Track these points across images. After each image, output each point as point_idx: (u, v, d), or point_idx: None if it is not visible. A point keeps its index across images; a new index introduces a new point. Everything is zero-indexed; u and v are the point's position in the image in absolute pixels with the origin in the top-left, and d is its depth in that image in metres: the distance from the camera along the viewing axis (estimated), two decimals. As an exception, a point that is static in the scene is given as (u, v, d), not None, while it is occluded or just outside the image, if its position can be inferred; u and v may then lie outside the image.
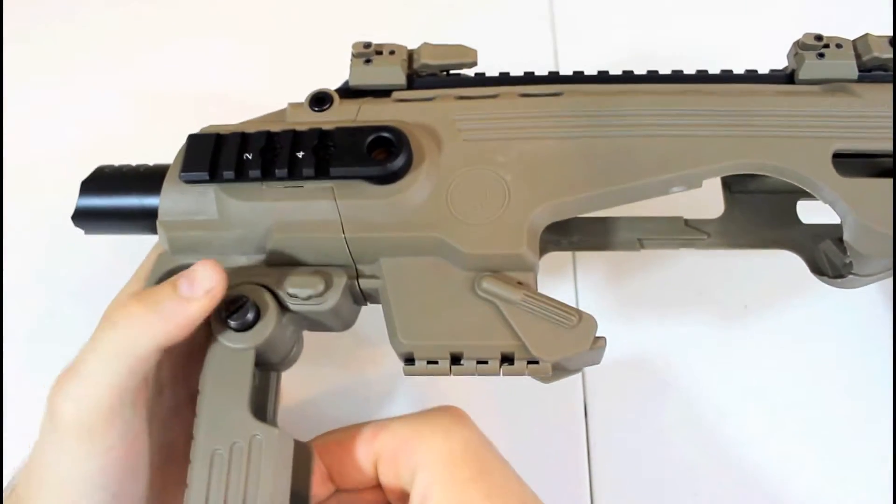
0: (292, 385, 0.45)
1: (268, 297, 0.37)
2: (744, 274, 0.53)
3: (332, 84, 0.42)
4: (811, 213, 0.41)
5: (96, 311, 0.40)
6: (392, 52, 0.42)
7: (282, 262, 0.39)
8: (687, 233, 0.42)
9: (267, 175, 0.37)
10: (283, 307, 0.38)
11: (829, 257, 0.40)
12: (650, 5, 0.67)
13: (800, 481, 0.49)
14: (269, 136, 0.38)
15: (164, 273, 0.40)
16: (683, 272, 0.52)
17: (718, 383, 0.50)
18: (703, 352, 0.51)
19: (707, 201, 0.41)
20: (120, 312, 0.35)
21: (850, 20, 0.58)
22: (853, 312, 0.52)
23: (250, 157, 0.38)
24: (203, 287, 0.35)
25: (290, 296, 0.37)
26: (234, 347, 0.37)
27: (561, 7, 0.68)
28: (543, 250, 0.40)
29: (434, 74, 0.42)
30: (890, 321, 0.52)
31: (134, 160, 0.43)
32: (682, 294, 0.43)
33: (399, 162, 0.37)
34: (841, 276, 0.39)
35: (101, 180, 0.41)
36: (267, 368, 0.39)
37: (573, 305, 0.36)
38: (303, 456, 0.37)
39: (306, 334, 0.42)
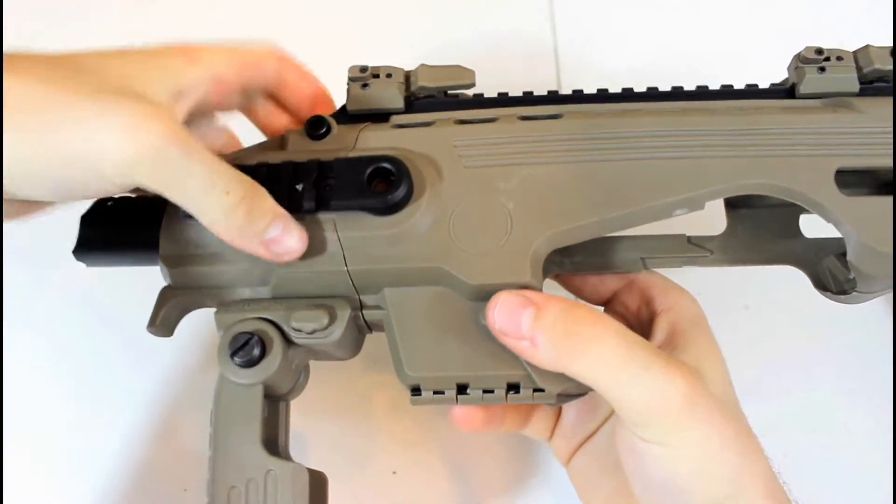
0: (301, 406, 0.45)
1: (273, 332, 0.37)
2: (744, 274, 0.53)
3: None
4: (815, 225, 0.41)
5: (98, 312, 0.40)
6: (389, 75, 0.41)
7: (285, 295, 0.39)
8: (690, 250, 0.42)
9: None
10: (288, 341, 0.38)
11: (832, 273, 0.40)
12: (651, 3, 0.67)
13: (800, 481, 0.49)
14: (268, 168, 0.38)
15: (169, 307, 0.40)
16: (684, 272, 0.52)
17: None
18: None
19: (709, 216, 0.40)
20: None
21: (850, 29, 0.58)
22: (853, 313, 0.52)
23: None
24: (280, 250, 0.36)
25: (295, 330, 0.37)
26: (242, 383, 0.37)
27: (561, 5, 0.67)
28: (545, 272, 0.40)
29: (432, 96, 0.42)
30: (890, 321, 0.52)
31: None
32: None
33: (400, 193, 0.36)
34: (844, 293, 0.39)
35: (102, 214, 0.41)
36: (275, 399, 0.39)
37: None
38: (318, 485, 0.38)
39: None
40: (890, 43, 0.40)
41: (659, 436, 0.34)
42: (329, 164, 0.38)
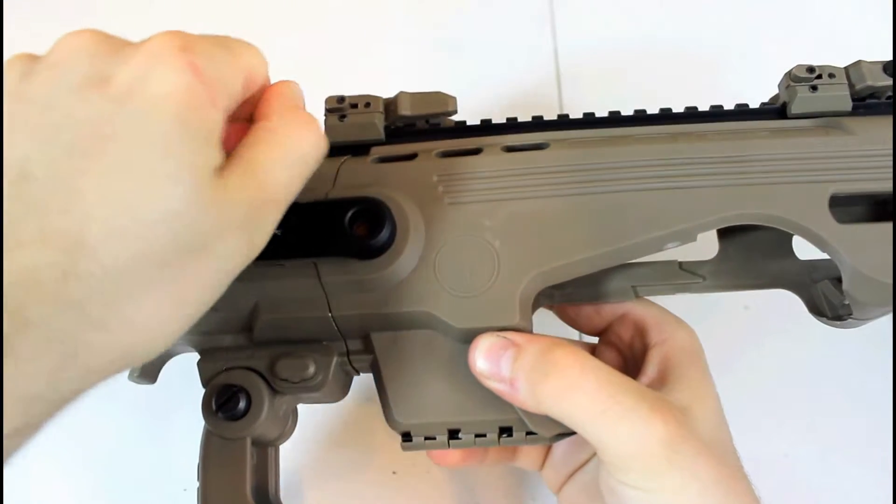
0: (301, 406, 0.45)
1: (258, 383, 0.37)
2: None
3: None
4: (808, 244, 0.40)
5: None
6: (367, 105, 0.40)
7: (269, 341, 0.38)
8: (682, 277, 0.41)
9: None
10: (274, 390, 0.37)
11: (827, 297, 0.40)
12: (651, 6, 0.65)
13: (801, 480, 0.49)
14: None
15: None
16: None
17: (718, 383, 0.50)
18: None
19: (700, 240, 0.39)
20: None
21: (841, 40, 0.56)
22: (853, 313, 0.52)
23: None
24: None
25: (281, 380, 0.37)
26: (228, 437, 0.36)
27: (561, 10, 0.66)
28: (536, 304, 0.39)
29: (413, 124, 0.40)
30: (890, 321, 0.52)
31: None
32: (682, 295, 0.43)
33: (383, 237, 0.35)
34: (840, 318, 0.39)
35: None
36: (264, 445, 0.39)
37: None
38: None
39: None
40: (881, 57, 0.38)
41: (637, 481, 0.33)
42: (308, 208, 0.36)
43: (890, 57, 0.38)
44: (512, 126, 0.40)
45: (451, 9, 0.66)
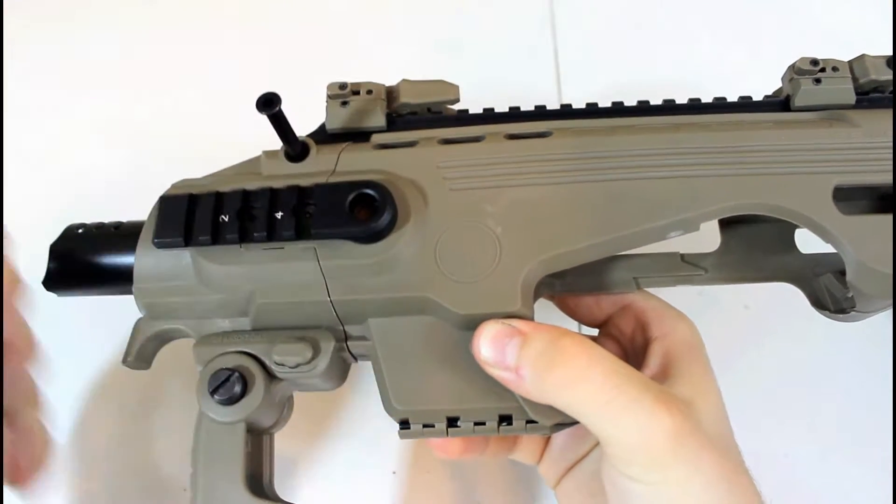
0: (301, 405, 0.44)
1: (254, 367, 0.36)
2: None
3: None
4: (810, 239, 0.40)
5: (95, 312, 0.40)
6: (370, 92, 0.40)
7: (266, 326, 0.37)
8: (684, 269, 0.41)
9: (245, 238, 0.36)
10: (270, 375, 0.36)
11: (830, 291, 0.39)
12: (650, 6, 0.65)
13: (801, 480, 0.49)
14: (244, 195, 0.36)
15: (146, 339, 0.38)
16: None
17: (718, 382, 0.50)
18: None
19: (703, 232, 0.39)
20: None
21: (842, 36, 0.56)
22: (853, 313, 0.52)
23: (226, 220, 0.36)
24: None
25: (278, 364, 0.36)
26: (223, 421, 0.36)
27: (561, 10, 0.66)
28: (536, 294, 0.39)
29: (415, 112, 0.40)
30: (890, 321, 0.51)
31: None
32: (682, 294, 0.43)
33: (384, 220, 0.35)
34: (843, 311, 0.38)
35: (72, 244, 0.40)
36: (259, 432, 0.38)
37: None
38: None
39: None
40: (884, 51, 0.38)
41: (641, 473, 0.33)
42: (309, 191, 0.36)
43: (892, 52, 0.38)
44: (514, 115, 0.40)
45: (451, 9, 0.66)
